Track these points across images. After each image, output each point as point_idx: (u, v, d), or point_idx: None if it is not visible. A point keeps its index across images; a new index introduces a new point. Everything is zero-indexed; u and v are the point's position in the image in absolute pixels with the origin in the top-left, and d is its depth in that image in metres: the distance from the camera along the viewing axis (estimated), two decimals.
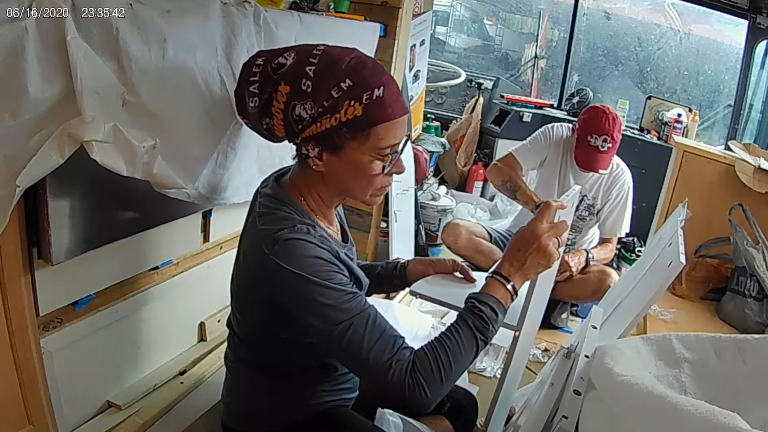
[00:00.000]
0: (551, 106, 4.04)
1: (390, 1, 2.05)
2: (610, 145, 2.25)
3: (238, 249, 1.08)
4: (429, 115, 3.74)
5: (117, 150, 0.96)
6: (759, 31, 3.21)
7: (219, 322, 1.67)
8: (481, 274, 1.25)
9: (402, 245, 2.50)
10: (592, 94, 3.83)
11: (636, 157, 3.02)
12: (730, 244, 2.35)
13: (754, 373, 1.00)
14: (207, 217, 1.51)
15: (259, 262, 0.93)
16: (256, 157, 1.43)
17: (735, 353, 1.03)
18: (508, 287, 0.99)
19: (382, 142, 0.94)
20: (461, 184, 3.88)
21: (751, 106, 3.45)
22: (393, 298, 2.30)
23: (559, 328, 2.41)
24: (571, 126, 2.43)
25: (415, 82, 2.75)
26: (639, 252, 3.12)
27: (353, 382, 1.21)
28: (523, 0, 4.72)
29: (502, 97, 4.00)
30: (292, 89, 0.91)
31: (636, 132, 3.63)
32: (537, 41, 4.42)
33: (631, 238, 3.10)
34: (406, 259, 1.31)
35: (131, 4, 0.96)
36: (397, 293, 2.31)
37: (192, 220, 1.45)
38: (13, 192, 0.87)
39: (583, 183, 2.37)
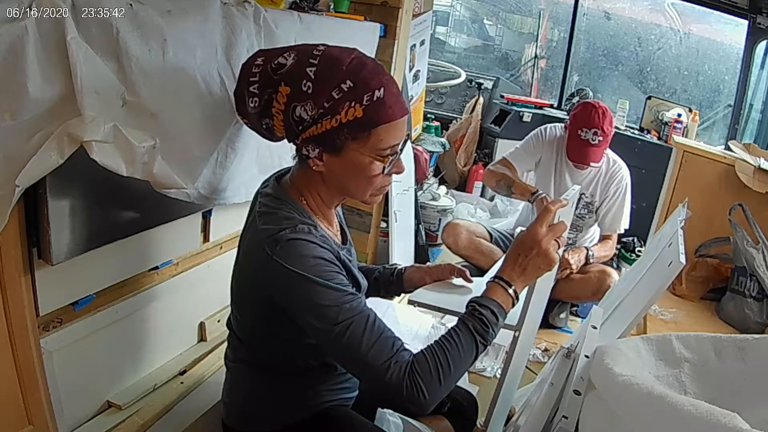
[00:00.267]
0: (551, 106, 4.04)
1: (390, 1, 2.05)
2: (600, 138, 2.25)
3: (239, 249, 1.08)
4: (429, 115, 3.74)
5: (117, 150, 0.96)
6: (759, 31, 3.20)
7: (219, 322, 1.67)
8: (479, 279, 1.26)
9: (402, 245, 2.50)
10: (592, 94, 3.82)
11: (636, 157, 3.02)
12: (730, 244, 2.36)
13: (754, 373, 1.00)
14: (207, 217, 1.51)
15: (260, 262, 0.93)
16: (256, 157, 1.43)
17: (735, 353, 1.03)
18: (510, 291, 0.99)
19: (383, 142, 0.94)
20: (461, 184, 3.88)
21: (751, 106, 3.45)
22: (393, 299, 2.29)
23: (559, 328, 2.41)
24: (563, 125, 2.44)
25: (415, 82, 2.75)
26: (639, 252, 3.11)
27: (353, 382, 1.21)
28: (523, 0, 4.71)
29: (502, 97, 4.00)
30: (293, 90, 0.91)
31: (636, 132, 3.62)
32: (537, 41, 4.41)
33: (631, 238, 3.10)
34: (403, 266, 1.31)
35: (131, 4, 0.96)
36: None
37: (192, 220, 1.45)
38: (12, 192, 0.87)
39: (580, 181, 2.37)
